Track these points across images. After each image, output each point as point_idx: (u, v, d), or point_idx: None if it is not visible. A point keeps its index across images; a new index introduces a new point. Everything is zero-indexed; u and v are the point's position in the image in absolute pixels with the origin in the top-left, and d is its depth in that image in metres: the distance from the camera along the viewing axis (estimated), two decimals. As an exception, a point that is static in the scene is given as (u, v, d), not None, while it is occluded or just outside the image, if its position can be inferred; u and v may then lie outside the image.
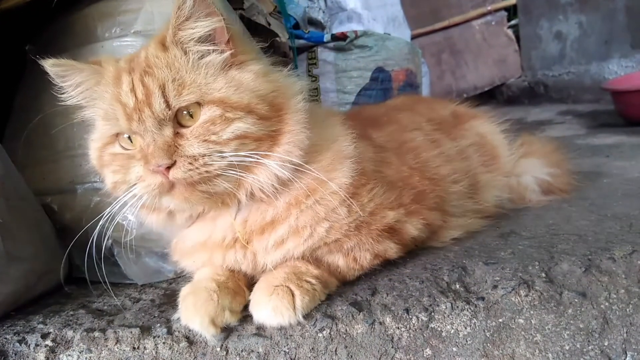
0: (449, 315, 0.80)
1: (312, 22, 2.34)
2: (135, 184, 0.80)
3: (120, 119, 0.79)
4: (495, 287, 0.83)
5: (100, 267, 1.08)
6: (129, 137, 0.81)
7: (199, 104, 0.79)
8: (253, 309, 0.79)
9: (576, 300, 0.82)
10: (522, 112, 3.49)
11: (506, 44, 4.10)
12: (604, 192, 1.30)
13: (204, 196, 0.79)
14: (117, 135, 0.82)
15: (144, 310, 0.88)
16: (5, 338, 0.83)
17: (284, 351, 0.78)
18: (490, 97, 4.29)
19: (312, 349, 0.78)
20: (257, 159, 0.79)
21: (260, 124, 0.79)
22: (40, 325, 0.86)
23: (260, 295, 0.79)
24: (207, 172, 0.77)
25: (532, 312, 0.81)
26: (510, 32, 4.11)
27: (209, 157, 0.77)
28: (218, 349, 0.78)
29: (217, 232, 0.86)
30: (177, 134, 0.78)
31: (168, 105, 0.77)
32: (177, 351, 0.78)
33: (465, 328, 0.80)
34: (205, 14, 0.79)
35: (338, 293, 0.85)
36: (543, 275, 0.84)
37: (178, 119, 0.79)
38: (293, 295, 0.78)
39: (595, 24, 3.32)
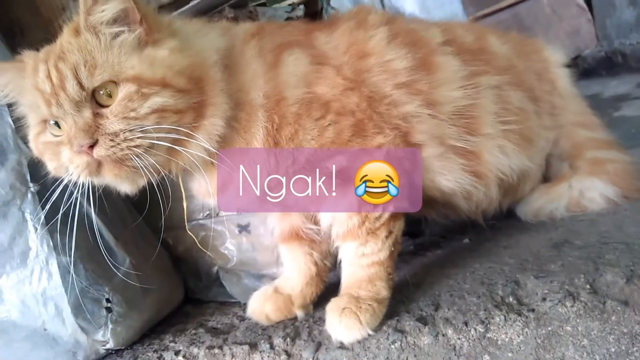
0: (503, 326, 0.93)
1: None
2: (68, 167, 0.86)
3: (41, 105, 0.85)
4: (544, 299, 0.95)
5: (211, 289, 1.32)
6: (57, 124, 0.86)
7: (115, 83, 0.83)
8: (329, 328, 0.97)
9: (619, 308, 0.92)
10: (600, 85, 3.39)
11: (578, 14, 3.95)
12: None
13: (133, 171, 0.85)
14: (45, 122, 0.88)
15: (250, 329, 1.09)
16: (148, 355, 1.07)
17: (364, 360, 0.95)
18: (565, 70, 4.17)
19: (387, 358, 0.94)
20: (184, 132, 0.84)
21: (178, 96, 0.83)
22: (172, 344, 1.09)
23: (332, 317, 0.97)
24: (129, 147, 0.82)
25: (578, 320, 0.92)
26: (581, 1, 3.96)
27: (130, 132, 0.82)
28: (311, 360, 0.97)
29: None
30: (97, 115, 0.83)
31: (82, 87, 0.82)
32: (279, 363, 0.98)
33: (519, 336, 0.93)
34: None
35: (405, 310, 1.01)
36: (588, 287, 0.95)
37: (97, 100, 0.84)
38: (357, 314, 0.94)
39: (672, -13, 3.15)
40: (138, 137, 0.82)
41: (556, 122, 1.31)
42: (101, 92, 0.84)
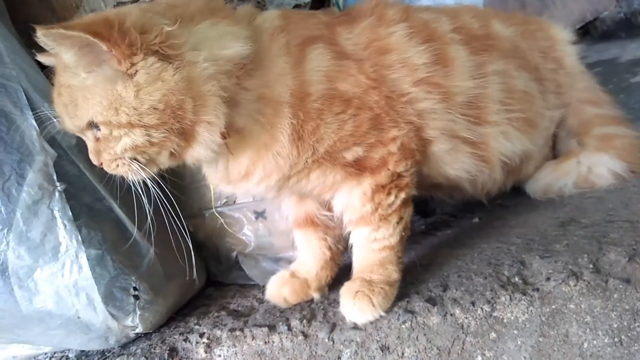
0: (508, 306, 0.98)
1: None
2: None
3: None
4: (548, 279, 0.99)
5: (231, 272, 1.39)
6: None
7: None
8: (343, 310, 1.03)
9: (621, 286, 0.95)
10: (618, 48, 3.32)
11: (596, -26, 3.85)
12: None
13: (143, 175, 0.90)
14: None
15: (269, 312, 1.15)
16: (174, 338, 1.13)
17: (376, 340, 1.00)
18: (584, 33, 4.07)
19: (398, 337, 0.99)
20: (175, 153, 0.88)
21: (151, 132, 0.83)
22: (197, 327, 1.16)
23: (346, 300, 1.02)
24: (124, 170, 0.89)
25: (581, 298, 0.96)
26: (599, -39, 3.84)
27: (120, 160, 0.88)
28: (327, 340, 1.03)
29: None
30: (99, 139, 0.89)
31: (74, 122, 0.88)
32: (296, 343, 1.04)
33: (524, 315, 0.97)
34: (63, 42, 0.79)
35: (415, 291, 1.05)
36: (591, 266, 0.98)
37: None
38: (370, 297, 1.00)
39: (694, -55, 3.04)
40: (127, 164, 0.88)
41: (562, 101, 1.32)
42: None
